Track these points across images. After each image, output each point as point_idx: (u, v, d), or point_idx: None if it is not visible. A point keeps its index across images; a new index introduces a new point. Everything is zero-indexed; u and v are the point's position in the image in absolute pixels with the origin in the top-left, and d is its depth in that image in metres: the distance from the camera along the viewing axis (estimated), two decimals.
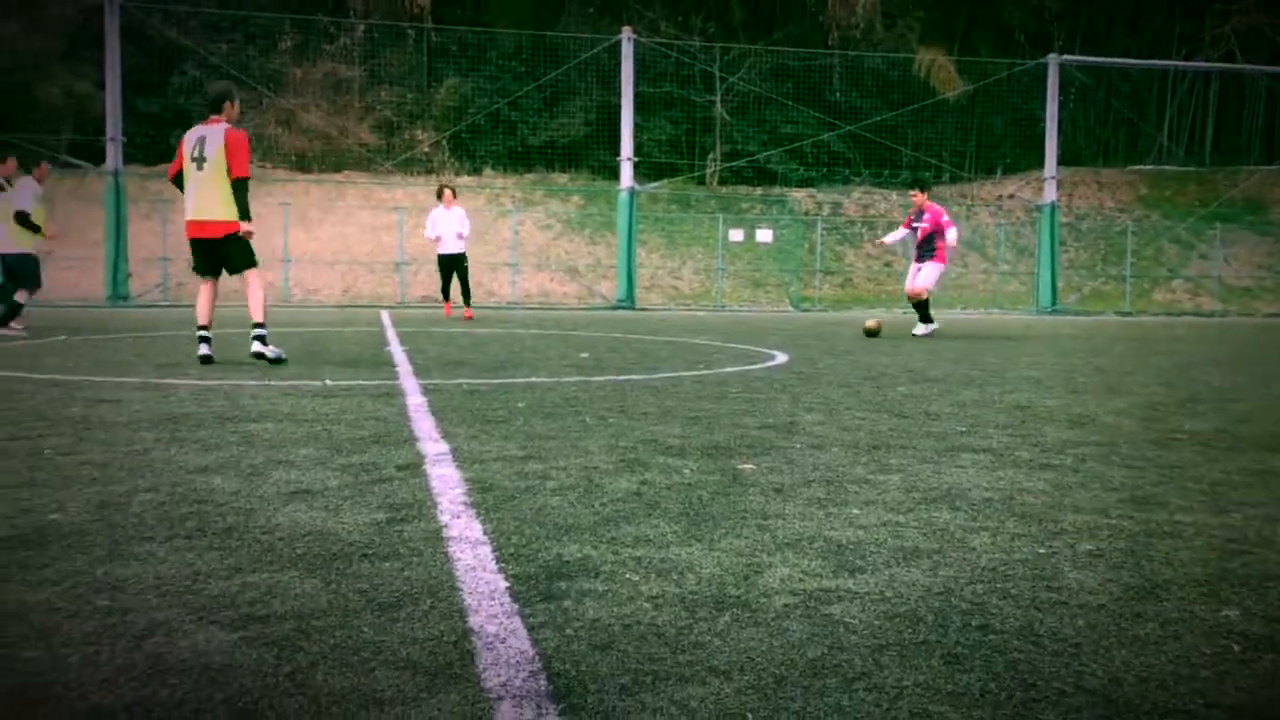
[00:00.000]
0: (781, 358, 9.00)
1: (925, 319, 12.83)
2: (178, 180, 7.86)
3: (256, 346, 7.58)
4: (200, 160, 7.58)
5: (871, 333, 12.45)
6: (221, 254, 7.77)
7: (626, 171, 23.54)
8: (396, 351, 9.12)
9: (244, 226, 7.61)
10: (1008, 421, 5.06)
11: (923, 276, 12.73)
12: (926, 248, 12.71)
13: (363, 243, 26.80)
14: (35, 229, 11.26)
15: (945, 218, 12.63)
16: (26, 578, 2.27)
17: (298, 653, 1.84)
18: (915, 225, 12.85)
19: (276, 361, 7.49)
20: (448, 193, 15.90)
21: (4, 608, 2.06)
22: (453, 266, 15.90)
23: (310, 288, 25.14)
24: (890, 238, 13.92)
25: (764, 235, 26.52)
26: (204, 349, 7.55)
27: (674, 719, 1.59)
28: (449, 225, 15.65)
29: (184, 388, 6.00)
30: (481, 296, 25.97)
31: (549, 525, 2.81)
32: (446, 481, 3.35)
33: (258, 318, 7.67)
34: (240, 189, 7.55)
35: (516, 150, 32.10)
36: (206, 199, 7.59)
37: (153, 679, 1.71)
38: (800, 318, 20.78)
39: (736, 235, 26.72)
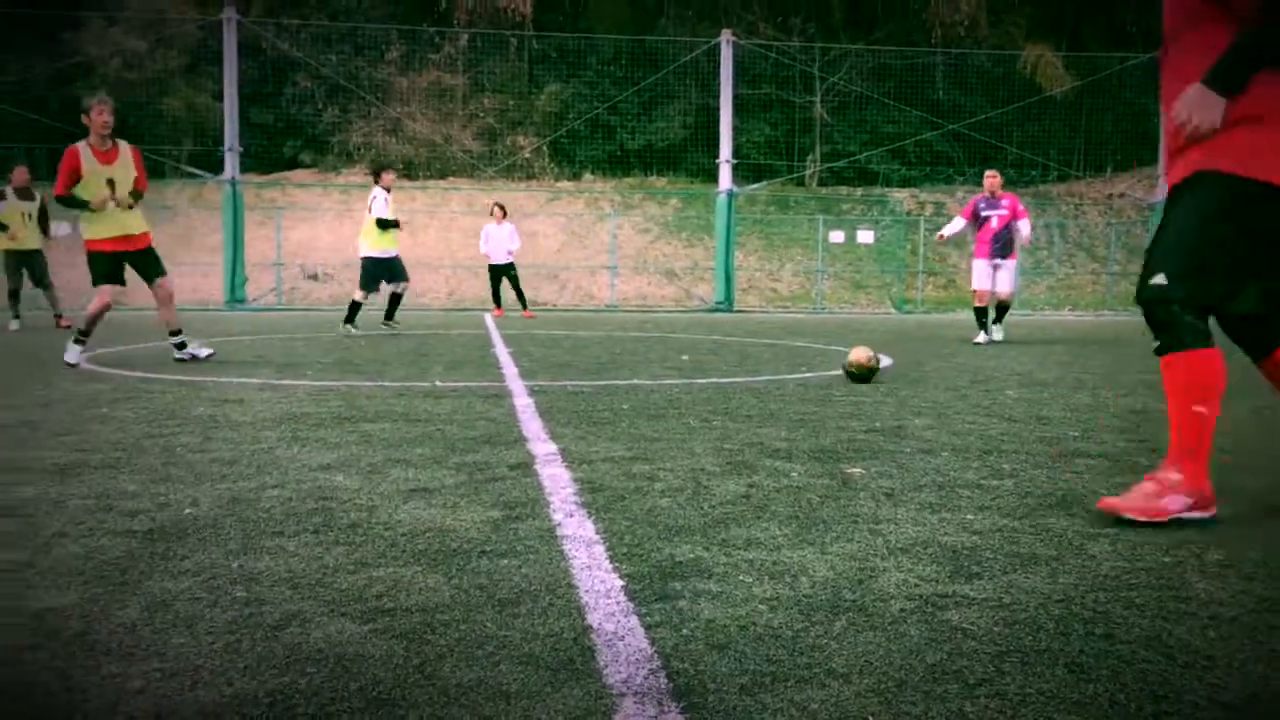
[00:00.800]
0: (885, 361, 8.88)
1: (996, 322, 11.70)
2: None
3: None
4: None
5: (859, 374, 6.84)
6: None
7: (725, 174, 23.50)
8: (502, 354, 9.28)
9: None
10: (1123, 426, 4.92)
11: (1007, 280, 11.60)
12: (1004, 241, 11.43)
13: (466, 247, 27.30)
14: (393, 225, 12.19)
15: (1022, 206, 11.47)
16: (169, 568, 2.39)
17: (425, 645, 1.91)
18: (986, 214, 11.45)
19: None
20: (498, 210, 17.88)
21: (151, 597, 2.18)
22: (502, 274, 17.98)
23: (417, 291, 25.71)
24: (950, 230, 11.97)
25: (865, 236, 26.18)
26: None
27: None
28: (499, 240, 17.72)
29: (302, 388, 6.21)
30: (580, 299, 26.21)
31: (659, 526, 2.84)
32: (557, 481, 3.41)
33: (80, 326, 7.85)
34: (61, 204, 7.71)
35: (615, 154, 32.36)
36: None
37: (291, 668, 1.79)
38: (903, 320, 20.46)
39: (837, 236, 26.43)
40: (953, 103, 31.11)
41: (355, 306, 12.25)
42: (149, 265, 8.00)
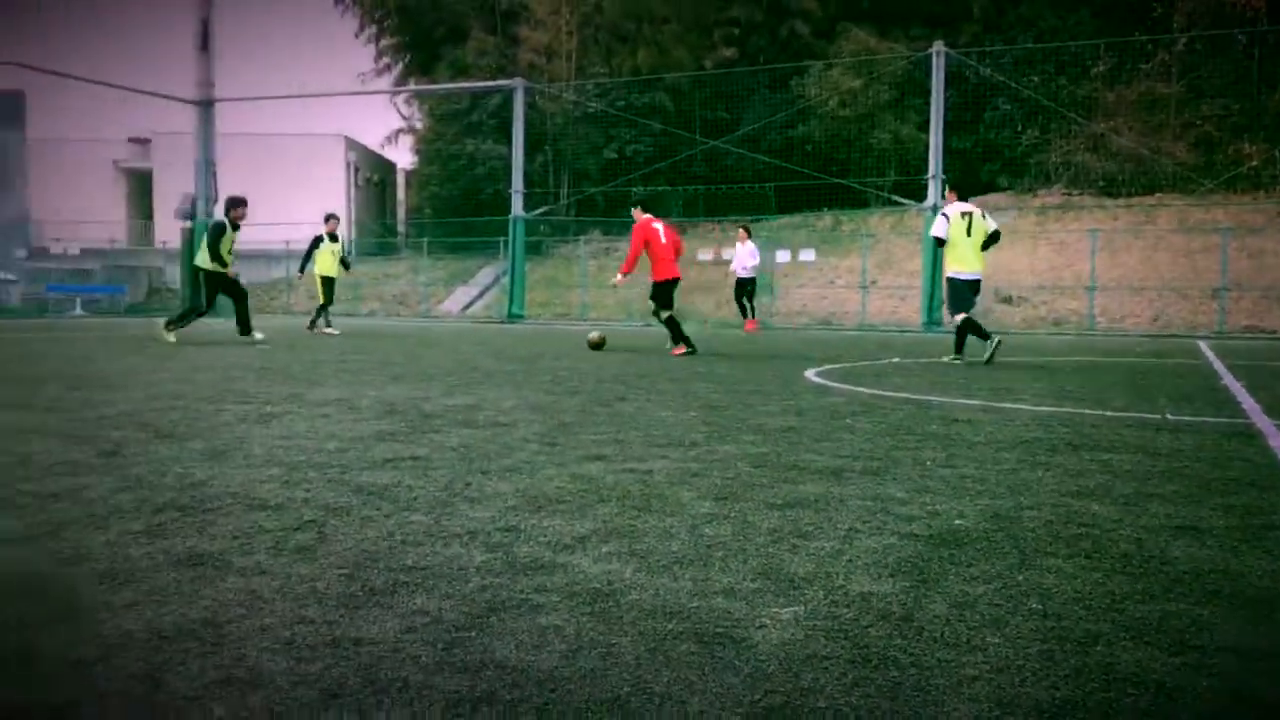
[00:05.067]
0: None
1: None
2: None
3: None
4: None
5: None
6: None
7: None
8: (1233, 386, 8.39)
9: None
10: None
11: None
12: None
13: (1175, 267, 25.12)
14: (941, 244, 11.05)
15: None
16: (959, 573, 2.61)
17: (1253, 692, 1.84)
18: None
19: None
20: (742, 230, 20.53)
21: (953, 596, 2.40)
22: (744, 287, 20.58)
23: (1115, 316, 24.31)
24: None
25: None
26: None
27: None
28: (741, 257, 20.31)
29: (1024, 413, 6.26)
30: None
31: None
32: None
33: None
34: None
35: None
36: None
37: (1112, 685, 1.86)
38: None
39: None
40: None
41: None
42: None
